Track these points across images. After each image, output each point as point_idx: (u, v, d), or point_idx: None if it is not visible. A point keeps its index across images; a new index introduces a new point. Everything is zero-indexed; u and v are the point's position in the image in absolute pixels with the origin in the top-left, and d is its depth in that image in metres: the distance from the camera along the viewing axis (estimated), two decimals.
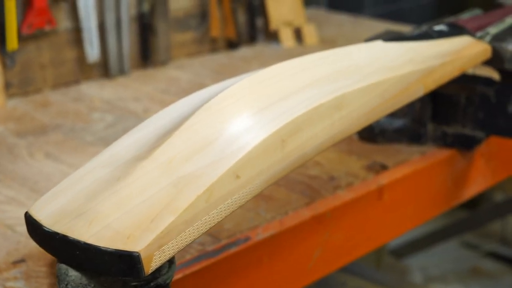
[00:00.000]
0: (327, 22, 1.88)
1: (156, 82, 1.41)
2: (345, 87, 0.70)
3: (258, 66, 1.48)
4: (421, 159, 1.06)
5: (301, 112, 0.64)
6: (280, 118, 0.63)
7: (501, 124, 1.04)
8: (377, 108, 0.74)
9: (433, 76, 0.83)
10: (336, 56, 0.75)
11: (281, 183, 0.98)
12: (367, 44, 0.81)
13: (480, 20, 1.05)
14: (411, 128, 1.09)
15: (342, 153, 1.07)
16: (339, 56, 0.75)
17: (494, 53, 0.99)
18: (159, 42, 1.48)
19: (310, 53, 1.60)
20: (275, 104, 0.64)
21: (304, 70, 0.70)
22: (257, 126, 0.61)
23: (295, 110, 0.64)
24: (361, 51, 0.78)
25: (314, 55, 0.74)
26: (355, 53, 0.77)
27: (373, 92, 0.73)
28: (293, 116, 0.63)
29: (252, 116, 0.62)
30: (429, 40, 0.90)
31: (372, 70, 0.75)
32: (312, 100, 0.66)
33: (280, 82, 0.67)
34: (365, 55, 0.78)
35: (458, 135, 1.08)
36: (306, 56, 0.73)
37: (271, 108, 0.63)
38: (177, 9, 1.52)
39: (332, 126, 0.67)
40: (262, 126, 0.61)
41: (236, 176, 0.58)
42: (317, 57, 0.74)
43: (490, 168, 1.16)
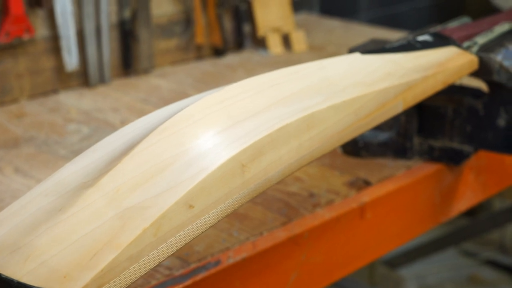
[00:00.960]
0: (318, 27, 1.83)
1: (137, 91, 1.37)
2: (315, 105, 0.65)
3: (244, 74, 1.44)
4: (406, 174, 1.01)
5: (264, 134, 0.59)
6: (240, 141, 0.58)
7: (490, 138, 0.99)
8: (351, 126, 0.69)
9: (414, 91, 0.78)
10: (307, 71, 0.70)
11: (258, 201, 0.94)
12: (343, 57, 0.77)
13: (468, 29, 1.00)
14: (397, 141, 1.04)
15: (324, 168, 1.03)
16: (310, 71, 0.70)
17: (482, 64, 0.94)
18: (141, 49, 1.43)
19: (299, 60, 1.56)
20: (236, 126, 0.59)
21: (271, 87, 0.65)
22: (215, 151, 0.57)
23: (258, 132, 0.59)
24: (335, 65, 0.74)
25: (284, 70, 0.69)
26: (329, 68, 0.73)
27: (347, 110, 0.68)
28: (255, 138, 0.59)
29: (210, 139, 0.57)
30: (411, 51, 0.85)
31: (346, 85, 0.70)
32: (277, 120, 0.62)
33: (244, 101, 0.62)
34: (339, 69, 0.73)
35: (445, 149, 1.03)
36: (275, 72, 0.69)
37: (231, 130, 0.59)
38: (160, 16, 1.47)
39: (299, 148, 0.63)
40: (220, 151, 0.57)
41: (189, 206, 0.54)
42: (287, 72, 0.69)
43: (480, 182, 1.11)
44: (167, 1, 1.47)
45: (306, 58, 1.56)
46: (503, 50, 0.95)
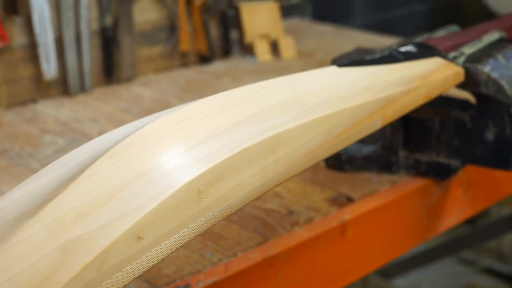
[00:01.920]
0: (308, 33, 1.79)
1: (118, 100, 1.33)
2: (281, 125, 0.61)
3: (230, 82, 1.40)
4: (391, 190, 0.97)
5: (224, 158, 0.55)
6: (197, 165, 0.54)
7: (478, 152, 0.95)
8: (323, 146, 0.65)
9: (393, 106, 0.74)
10: (276, 87, 0.66)
11: (234, 218, 0.89)
12: (317, 71, 0.72)
13: (456, 38, 0.96)
14: (381, 155, 1.00)
15: (305, 183, 0.99)
16: (279, 87, 0.66)
17: (469, 76, 0.90)
18: (124, 57, 1.39)
19: (287, 67, 1.52)
20: (192, 149, 0.55)
21: (234, 106, 0.61)
22: (168, 176, 0.52)
23: (217, 155, 0.55)
24: (307, 80, 0.69)
25: (250, 86, 0.65)
26: (300, 83, 0.68)
27: (318, 129, 0.64)
28: (214, 162, 0.55)
29: (163, 164, 0.53)
30: (393, 63, 0.81)
31: (318, 102, 0.66)
32: (239, 142, 0.57)
33: (203, 121, 0.58)
34: (311, 84, 0.69)
35: (432, 163, 0.98)
36: (240, 88, 0.64)
37: (187, 153, 0.54)
38: (144, 22, 1.43)
39: (264, 171, 0.59)
40: (174, 176, 0.52)
41: (138, 238, 0.50)
42: (253, 89, 0.65)
43: (469, 197, 1.07)
44: (150, 7, 1.43)
45: (294, 65, 1.52)
46: (491, 61, 0.91)
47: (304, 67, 1.50)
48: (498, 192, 1.13)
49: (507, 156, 0.93)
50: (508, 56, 0.94)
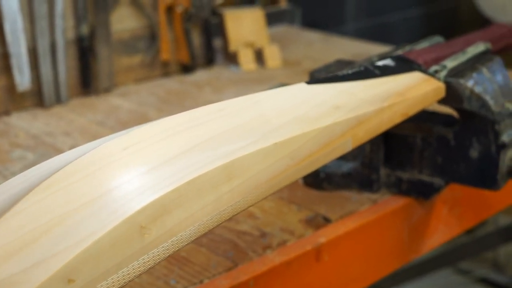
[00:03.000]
0: (296, 40, 1.75)
1: (95, 112, 1.28)
2: (240, 149, 0.56)
3: (211, 93, 1.35)
4: (371, 209, 0.92)
5: (170, 189, 0.51)
6: (140, 197, 0.49)
7: (462, 170, 0.90)
8: (285, 172, 0.60)
9: (366, 126, 0.69)
10: (237, 107, 0.61)
11: (203, 242, 0.85)
12: (284, 89, 0.68)
13: (439, 50, 0.91)
14: (361, 173, 0.95)
15: (281, 202, 0.94)
16: (241, 107, 0.61)
17: (451, 91, 0.85)
18: (101, 67, 1.35)
19: (272, 76, 1.47)
20: (136, 179, 0.50)
21: (189, 129, 0.56)
22: (107, 211, 0.48)
23: (163, 186, 0.51)
24: (273, 98, 0.65)
25: (209, 107, 0.60)
26: (264, 102, 0.64)
27: (279, 153, 0.59)
28: (159, 193, 0.50)
29: (102, 197, 0.48)
30: (368, 79, 0.76)
31: (282, 124, 0.61)
32: (190, 170, 0.53)
33: (153, 147, 0.53)
34: (277, 104, 0.64)
35: (414, 181, 0.94)
36: (198, 109, 0.60)
37: (130, 184, 0.50)
38: (122, 31, 1.39)
39: (217, 202, 0.54)
40: (112, 211, 0.48)
41: (68, 281, 0.45)
42: (212, 109, 0.60)
43: (455, 215, 1.02)
44: (129, 16, 1.39)
45: (279, 74, 1.47)
46: (475, 75, 0.86)
47: (290, 76, 1.46)
48: (486, 209, 1.08)
49: (492, 175, 0.88)
50: (493, 70, 0.90)
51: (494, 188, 0.89)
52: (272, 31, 1.81)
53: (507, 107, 0.88)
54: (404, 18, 2.57)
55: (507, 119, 0.88)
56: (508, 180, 0.90)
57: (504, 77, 0.90)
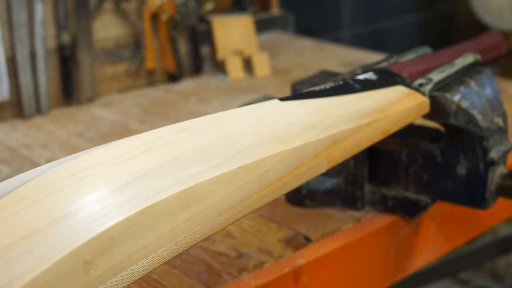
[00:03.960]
0: (288, 48, 1.71)
1: (76, 123, 1.24)
2: (201, 174, 0.53)
3: (197, 103, 1.32)
4: (354, 228, 0.88)
5: (119, 219, 0.47)
6: (84, 230, 0.45)
7: (449, 188, 0.86)
8: (251, 197, 0.56)
9: (342, 146, 0.65)
10: (202, 127, 0.57)
11: (177, 263, 0.81)
12: (256, 106, 0.64)
13: (426, 62, 0.88)
14: (345, 189, 0.91)
15: (261, 220, 0.90)
16: (206, 127, 0.58)
17: (437, 106, 0.81)
18: (83, 76, 1.31)
19: (260, 85, 1.43)
20: (82, 210, 0.46)
21: (147, 152, 0.52)
22: (46, 245, 0.44)
23: (112, 216, 0.47)
24: (242, 117, 0.61)
25: (172, 127, 0.56)
26: (233, 121, 0.60)
27: (245, 177, 0.55)
28: (106, 225, 0.46)
29: (42, 230, 0.45)
30: (347, 94, 0.72)
31: (249, 145, 0.58)
32: (143, 197, 0.49)
33: (104, 173, 0.49)
34: (245, 123, 0.60)
35: (400, 199, 0.90)
36: (160, 129, 0.56)
37: (74, 216, 0.46)
38: (106, 39, 1.35)
39: (173, 232, 0.50)
40: (53, 245, 0.44)
41: None
42: (175, 129, 0.56)
43: (443, 233, 0.98)
44: (113, 23, 1.35)
45: (268, 84, 1.43)
46: (462, 88, 0.83)
47: (278, 85, 1.42)
48: (476, 227, 1.04)
49: (480, 193, 0.84)
50: (482, 83, 0.86)
51: (483, 207, 0.85)
52: (264, 38, 1.78)
53: (496, 122, 0.84)
54: (401, 24, 2.53)
55: (496, 135, 0.84)
56: (497, 199, 0.86)
57: (494, 91, 0.87)
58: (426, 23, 2.57)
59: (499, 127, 0.85)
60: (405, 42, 2.51)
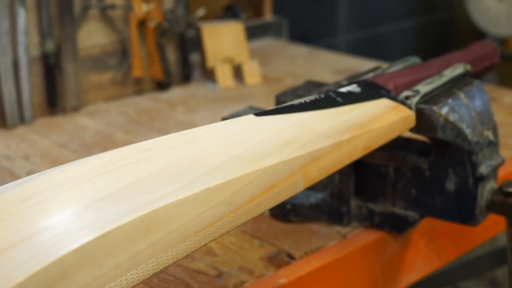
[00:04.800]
0: (281, 55, 1.68)
1: (59, 133, 1.21)
2: (164, 197, 0.50)
3: (184, 112, 1.29)
4: (339, 245, 0.85)
5: (72, 248, 0.44)
6: (35, 259, 0.42)
7: (438, 204, 0.83)
8: (220, 221, 0.53)
9: (320, 164, 0.62)
10: (169, 145, 0.54)
11: (154, 282, 0.78)
12: (229, 122, 0.61)
13: (413, 73, 0.85)
14: (331, 204, 0.88)
15: (243, 236, 0.87)
16: (175, 146, 0.55)
17: (423, 119, 0.78)
18: (68, 85, 1.28)
19: (250, 94, 1.40)
20: (35, 238, 0.43)
21: (108, 174, 0.49)
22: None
23: (65, 244, 0.44)
24: (213, 134, 0.58)
25: (135, 146, 0.53)
26: (203, 139, 0.57)
27: (213, 200, 0.52)
28: (57, 255, 0.43)
29: None
30: (328, 108, 0.69)
31: (219, 164, 0.55)
32: (101, 224, 0.46)
33: (58, 198, 0.46)
34: (217, 140, 0.57)
35: (387, 214, 0.87)
36: (125, 148, 0.53)
37: (25, 245, 0.43)
38: (92, 47, 1.32)
39: (134, 259, 0.47)
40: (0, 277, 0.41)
41: None
42: (142, 148, 0.53)
43: (433, 249, 0.95)
44: (99, 31, 1.32)
45: (258, 92, 1.40)
46: (451, 101, 0.80)
47: (269, 94, 1.39)
48: (468, 242, 1.01)
49: (470, 209, 0.81)
50: (472, 94, 0.83)
51: (472, 224, 0.82)
52: (256, 44, 1.75)
53: (486, 136, 0.81)
54: (398, 29, 2.50)
55: (486, 149, 0.81)
56: (487, 215, 0.83)
57: (484, 103, 0.84)
58: (423, 29, 2.54)
59: (489, 140, 0.82)
60: (402, 48, 2.48)
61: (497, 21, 2.06)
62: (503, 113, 1.28)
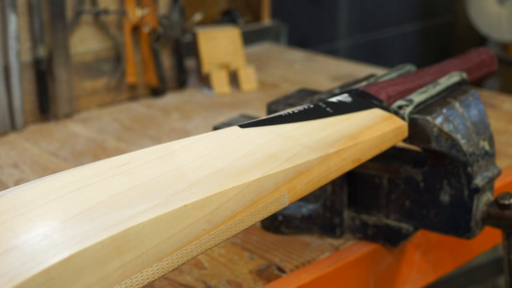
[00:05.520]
0: (278, 60, 1.66)
1: (50, 140, 1.19)
2: (138, 215, 0.47)
3: (178, 119, 1.27)
4: (331, 258, 0.83)
5: (38, 270, 0.42)
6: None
7: (432, 216, 0.81)
8: (199, 239, 0.51)
9: (307, 178, 0.60)
10: (148, 159, 0.52)
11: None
12: (212, 135, 0.59)
13: (408, 82, 0.82)
14: (323, 216, 0.86)
15: (233, 249, 0.85)
16: (153, 160, 0.53)
17: (417, 129, 0.76)
18: (60, 91, 1.26)
19: (245, 100, 1.38)
20: (0, 258, 0.41)
21: (79, 190, 0.47)
22: None
23: (28, 267, 0.42)
24: (194, 147, 0.56)
25: (115, 159, 0.51)
26: (183, 152, 0.55)
27: (191, 217, 0.50)
28: (20, 279, 0.41)
29: None
30: (318, 118, 0.67)
31: (199, 179, 0.52)
32: (68, 245, 0.44)
33: (24, 217, 0.44)
34: (198, 154, 0.55)
35: (381, 226, 0.84)
36: (101, 162, 0.51)
37: None
38: (85, 53, 1.30)
39: (104, 281, 0.45)
40: None
41: None
42: (118, 162, 0.51)
43: (429, 261, 0.92)
44: (92, 37, 1.30)
45: (254, 99, 1.38)
46: (445, 110, 0.77)
47: (265, 100, 1.37)
48: (465, 253, 0.99)
49: (465, 222, 0.79)
50: (467, 104, 0.81)
51: (468, 237, 0.80)
52: (255, 49, 1.73)
53: (481, 146, 0.79)
54: (399, 34, 2.48)
55: (482, 160, 0.79)
56: (483, 228, 0.81)
57: (480, 112, 0.81)
58: (425, 33, 2.52)
59: (485, 151, 0.79)
60: (403, 52, 2.45)
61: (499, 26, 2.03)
62: (502, 120, 1.26)
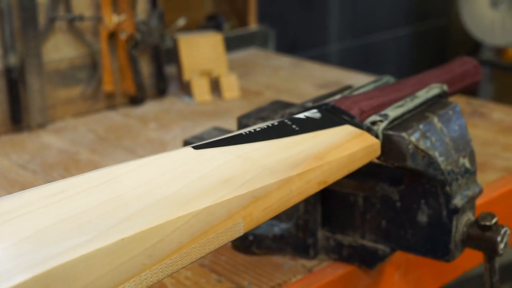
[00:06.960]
0: (264, 66, 1.62)
1: (21, 152, 1.15)
2: (66, 252, 0.43)
3: (156, 129, 1.22)
4: (304, 280, 0.79)
5: None
6: None
7: (410, 237, 0.76)
8: (140, 275, 0.46)
9: (264, 204, 0.56)
10: (86, 186, 0.48)
11: None
12: (161, 157, 0.54)
13: (384, 95, 0.78)
14: (296, 236, 0.82)
15: (200, 270, 0.80)
16: (91, 187, 0.48)
17: (392, 146, 0.72)
18: (32, 101, 1.22)
19: (226, 109, 1.34)
20: None
21: (9, 222, 0.43)
22: None
23: None
24: (139, 172, 0.51)
25: (47, 187, 0.47)
26: (126, 178, 0.50)
27: (130, 252, 0.46)
28: None
29: None
30: (282, 137, 0.63)
31: (141, 209, 0.48)
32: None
33: None
34: (142, 180, 0.51)
35: (357, 247, 0.80)
36: (30, 192, 0.46)
37: None
38: (59, 60, 1.26)
39: None
40: None
41: None
42: (51, 191, 0.47)
43: (409, 282, 0.88)
44: (66, 44, 1.26)
45: (235, 107, 1.34)
46: (422, 126, 0.73)
47: (246, 109, 1.32)
48: (448, 273, 0.94)
49: (444, 243, 0.75)
50: (447, 119, 0.76)
51: (447, 260, 0.75)
52: (240, 55, 1.69)
53: (461, 164, 0.75)
54: (392, 38, 2.44)
55: (461, 178, 0.74)
56: (463, 250, 0.76)
57: (460, 128, 0.77)
58: (418, 37, 2.47)
59: (465, 169, 0.75)
60: (396, 57, 2.41)
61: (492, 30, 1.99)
62: (491, 130, 1.21)
